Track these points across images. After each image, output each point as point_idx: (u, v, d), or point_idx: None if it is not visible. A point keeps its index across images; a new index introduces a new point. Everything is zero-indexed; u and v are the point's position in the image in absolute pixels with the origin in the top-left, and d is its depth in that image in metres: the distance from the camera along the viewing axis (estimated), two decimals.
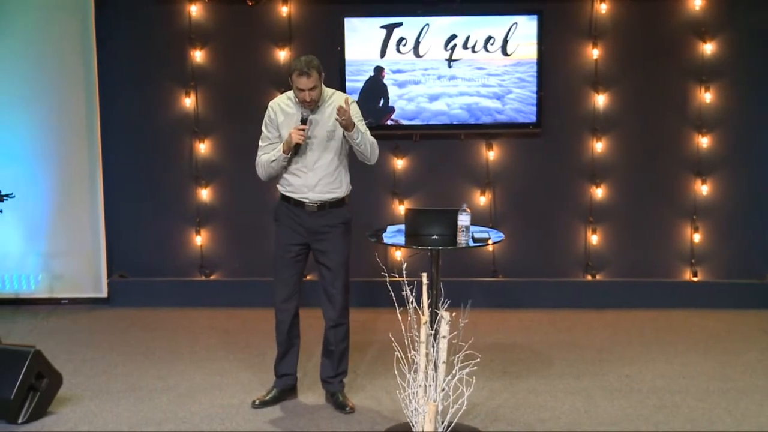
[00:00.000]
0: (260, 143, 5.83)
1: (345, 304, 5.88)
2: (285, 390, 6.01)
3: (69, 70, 8.22)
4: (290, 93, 5.75)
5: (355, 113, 5.71)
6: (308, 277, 7.61)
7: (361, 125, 5.70)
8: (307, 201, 5.74)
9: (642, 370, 6.60)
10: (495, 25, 8.04)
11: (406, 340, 4.82)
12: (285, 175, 5.79)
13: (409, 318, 4.77)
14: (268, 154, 5.74)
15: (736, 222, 8.39)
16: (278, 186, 5.86)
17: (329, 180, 5.74)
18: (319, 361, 6.06)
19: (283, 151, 5.63)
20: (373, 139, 5.78)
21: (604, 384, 6.30)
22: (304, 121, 5.59)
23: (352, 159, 5.92)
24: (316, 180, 5.72)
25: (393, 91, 8.13)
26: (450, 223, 5.86)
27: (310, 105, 5.60)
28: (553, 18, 8.11)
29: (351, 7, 8.14)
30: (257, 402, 5.90)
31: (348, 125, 5.54)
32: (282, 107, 5.76)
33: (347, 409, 5.83)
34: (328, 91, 5.78)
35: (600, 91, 8.25)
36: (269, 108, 5.82)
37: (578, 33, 8.23)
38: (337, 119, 5.54)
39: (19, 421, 5.55)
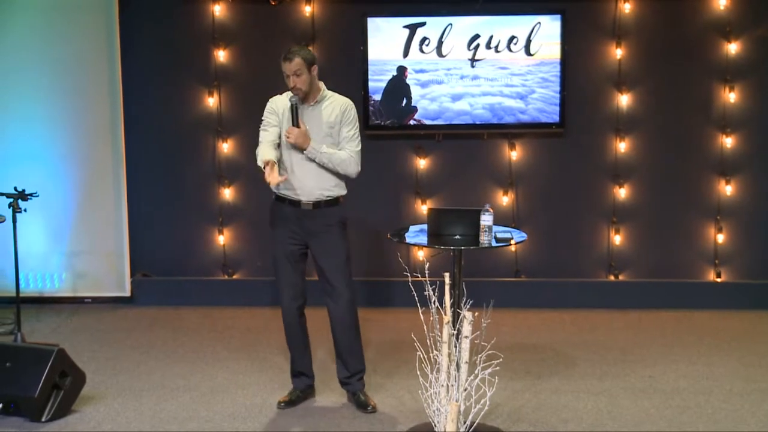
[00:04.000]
0: (261, 128, 5.79)
1: (350, 300, 5.83)
2: (305, 390, 6.01)
3: (93, 71, 8.26)
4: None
5: (348, 120, 5.75)
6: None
7: (330, 144, 5.69)
8: (302, 200, 5.72)
9: (665, 370, 6.57)
10: (518, 24, 8.03)
11: (428, 340, 4.82)
12: (281, 173, 5.72)
13: (431, 318, 4.77)
14: (265, 147, 5.64)
15: (760, 222, 8.35)
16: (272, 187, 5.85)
17: (324, 178, 5.71)
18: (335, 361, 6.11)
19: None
20: (341, 158, 5.67)
21: (626, 385, 6.28)
22: (292, 106, 5.61)
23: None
24: (311, 178, 5.69)
25: (416, 91, 8.13)
26: (472, 223, 5.84)
27: (298, 93, 5.62)
28: (577, 18, 8.09)
29: (374, 6, 8.15)
30: (282, 403, 5.89)
31: (299, 145, 5.61)
32: (281, 101, 5.81)
33: (369, 408, 5.83)
34: (328, 91, 5.77)
35: (623, 90, 8.23)
36: (269, 102, 5.85)
37: (602, 32, 8.21)
38: (286, 137, 5.62)
39: (43, 419, 5.57)
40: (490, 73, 8.10)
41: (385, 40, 8.08)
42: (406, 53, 8.11)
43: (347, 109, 5.74)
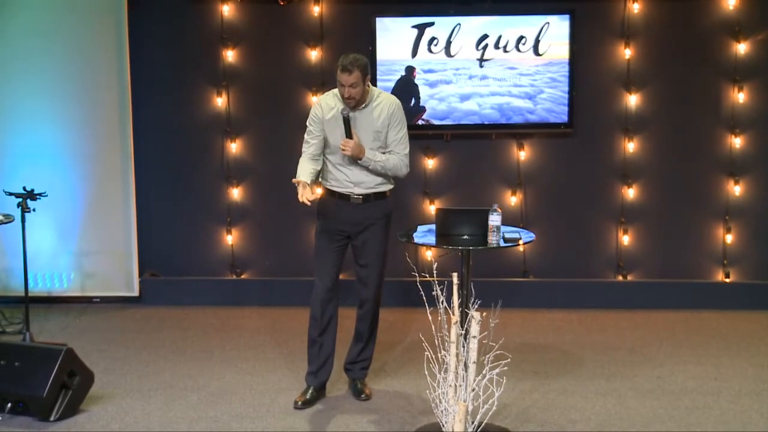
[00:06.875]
0: (305, 137, 5.91)
1: (377, 288, 5.97)
2: (319, 388, 6.01)
3: (102, 70, 8.26)
4: (336, 90, 5.79)
5: (397, 121, 5.83)
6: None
7: (376, 151, 5.79)
8: (352, 194, 5.81)
9: (673, 371, 6.56)
10: (527, 24, 8.02)
11: (436, 340, 4.82)
12: (330, 170, 5.87)
13: (439, 318, 4.77)
14: (302, 166, 5.81)
15: None
16: (321, 180, 5.96)
17: (373, 176, 5.81)
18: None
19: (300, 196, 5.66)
20: (393, 163, 5.82)
21: (635, 385, 6.27)
22: (345, 119, 5.64)
23: None
24: (360, 176, 5.80)
25: (424, 91, 8.13)
26: (481, 223, 5.85)
27: (350, 102, 5.65)
28: (586, 18, 8.08)
29: (382, 6, 8.14)
30: (300, 403, 5.89)
31: (354, 156, 5.69)
32: (328, 104, 5.82)
33: (362, 396, 5.97)
34: (375, 91, 5.85)
35: (632, 91, 8.21)
36: (315, 104, 5.92)
37: (610, 33, 8.19)
38: (342, 150, 5.67)
39: (52, 418, 5.59)
40: (499, 73, 8.09)
41: (393, 40, 8.08)
42: (414, 53, 8.10)
43: (393, 112, 5.82)
